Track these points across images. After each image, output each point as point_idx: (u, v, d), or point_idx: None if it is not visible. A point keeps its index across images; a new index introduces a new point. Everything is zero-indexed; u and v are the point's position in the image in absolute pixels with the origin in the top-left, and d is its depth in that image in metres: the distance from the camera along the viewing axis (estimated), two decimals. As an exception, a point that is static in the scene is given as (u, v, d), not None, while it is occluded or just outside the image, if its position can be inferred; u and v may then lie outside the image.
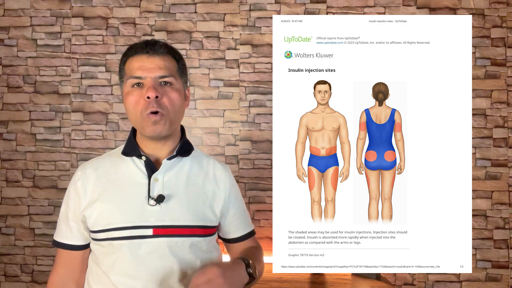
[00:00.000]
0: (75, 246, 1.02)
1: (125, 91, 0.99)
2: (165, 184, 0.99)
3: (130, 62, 0.99)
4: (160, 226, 0.95)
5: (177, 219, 0.97)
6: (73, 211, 1.00)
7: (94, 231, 0.98)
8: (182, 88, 1.03)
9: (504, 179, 2.26)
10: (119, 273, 0.94)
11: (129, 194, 0.98)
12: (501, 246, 2.25)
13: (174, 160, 1.01)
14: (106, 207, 0.97)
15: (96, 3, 2.36)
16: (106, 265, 0.96)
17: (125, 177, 1.00)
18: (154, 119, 0.95)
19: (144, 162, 1.00)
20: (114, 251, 0.95)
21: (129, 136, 1.05)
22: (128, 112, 0.99)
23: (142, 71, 0.96)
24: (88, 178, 1.00)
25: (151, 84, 0.95)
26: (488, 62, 2.28)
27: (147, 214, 0.96)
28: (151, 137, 0.99)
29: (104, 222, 0.96)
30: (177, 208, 0.98)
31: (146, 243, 0.94)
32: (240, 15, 2.33)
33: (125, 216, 0.95)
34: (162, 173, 0.99)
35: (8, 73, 2.36)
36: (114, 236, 0.95)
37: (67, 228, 1.01)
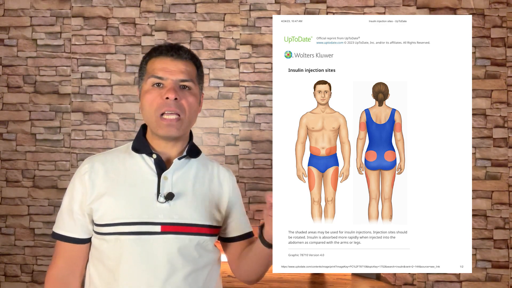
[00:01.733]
0: (78, 239, 1.01)
1: (144, 89, 1.02)
2: (174, 183, 1.01)
3: (153, 62, 1.02)
4: (169, 223, 0.97)
5: (185, 217, 0.99)
6: (79, 204, 1.00)
7: (101, 225, 0.98)
8: (199, 93, 1.07)
9: (504, 179, 2.27)
10: (124, 268, 0.94)
11: (138, 190, 0.99)
12: (501, 246, 2.25)
13: (183, 160, 1.04)
14: (114, 201, 0.98)
15: (96, 3, 2.36)
16: (111, 259, 0.96)
17: (135, 173, 1.01)
18: (169, 122, 0.98)
19: (154, 160, 1.01)
20: (121, 246, 0.95)
21: (139, 133, 1.07)
22: (143, 110, 1.02)
23: (165, 72, 1.00)
24: (96, 171, 1.01)
25: (171, 86, 0.99)
26: (488, 62, 2.28)
27: (156, 211, 0.97)
28: (164, 137, 1.01)
29: (112, 216, 0.97)
30: (185, 207, 1.00)
31: (154, 239, 0.96)
32: (240, 15, 2.33)
33: (134, 212, 0.96)
34: (171, 172, 1.01)
35: (8, 73, 2.36)
36: (122, 231, 0.95)
37: (71, 221, 1.01)
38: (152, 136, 1.04)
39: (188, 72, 1.02)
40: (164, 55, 1.02)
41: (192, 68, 1.04)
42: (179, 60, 1.01)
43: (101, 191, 0.99)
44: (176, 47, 1.03)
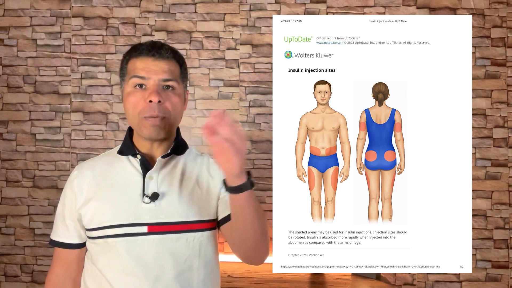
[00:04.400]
0: (72, 245, 1.02)
1: (126, 90, 0.99)
2: (159, 182, 0.99)
3: (134, 62, 0.99)
4: (155, 223, 0.96)
5: (171, 215, 0.97)
6: (70, 210, 1.01)
7: (89, 229, 0.98)
8: (183, 92, 1.03)
9: (504, 179, 2.26)
10: (114, 271, 0.94)
11: (124, 192, 0.98)
12: (501, 246, 2.25)
13: (168, 158, 1.02)
14: (100, 205, 0.97)
15: (96, 3, 2.35)
16: (101, 262, 0.96)
17: (121, 176, 1.01)
18: (153, 122, 0.96)
19: (139, 160, 1.00)
20: (109, 249, 0.95)
21: (125, 135, 1.06)
22: (127, 112, 1.00)
23: (146, 72, 0.96)
24: (84, 177, 1.01)
25: (154, 89, 0.95)
26: (488, 62, 2.28)
27: (141, 211, 0.96)
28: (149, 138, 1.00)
29: (99, 220, 0.96)
30: (172, 205, 0.98)
31: (141, 240, 0.95)
32: (240, 15, 2.33)
33: (120, 214, 0.96)
34: (156, 171, 1.00)
35: (8, 73, 2.35)
36: (109, 234, 0.95)
37: (64, 227, 1.02)
38: (138, 137, 1.03)
39: (171, 72, 0.98)
40: (145, 54, 0.98)
41: (175, 66, 1.00)
42: (161, 59, 0.97)
43: (88, 196, 0.99)
44: (157, 46, 0.99)
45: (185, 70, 1.05)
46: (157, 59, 0.97)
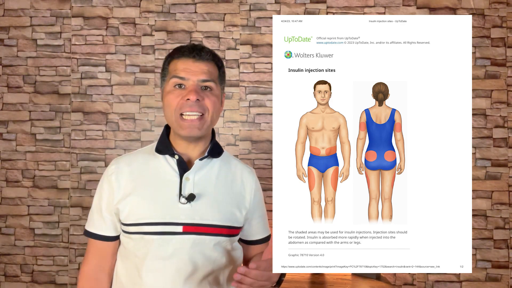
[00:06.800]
0: (108, 237, 1.05)
1: (166, 89, 1.04)
2: (195, 184, 1.03)
3: (175, 63, 1.03)
4: (190, 223, 0.99)
5: (205, 218, 1.01)
6: (107, 203, 1.04)
7: (126, 224, 1.01)
8: (220, 94, 1.08)
9: (504, 179, 2.26)
10: (148, 266, 0.98)
11: (161, 191, 1.02)
12: (501, 246, 2.25)
13: (205, 160, 1.06)
14: (139, 202, 1.01)
15: (96, 3, 2.35)
16: (137, 257, 0.99)
17: (158, 174, 1.04)
18: (191, 122, 0.99)
19: (176, 161, 1.03)
20: (144, 245, 0.99)
21: (162, 133, 1.09)
22: (165, 110, 1.03)
23: (186, 73, 1.01)
24: (122, 172, 1.04)
25: (193, 88, 1.00)
26: (488, 62, 2.28)
27: (177, 211, 1.00)
28: (186, 138, 1.02)
29: (137, 216, 1.00)
30: (206, 208, 1.02)
31: (175, 239, 0.99)
32: (240, 15, 2.33)
33: (157, 212, 0.99)
34: (193, 173, 1.03)
35: (8, 73, 2.36)
36: (146, 231, 0.99)
37: (101, 219, 1.05)
38: (174, 136, 1.06)
39: (210, 73, 1.03)
40: (186, 56, 1.02)
41: (214, 68, 1.05)
42: (201, 61, 1.02)
43: (126, 191, 1.02)
44: (198, 48, 1.03)
45: (223, 73, 1.10)
46: (197, 60, 1.02)
